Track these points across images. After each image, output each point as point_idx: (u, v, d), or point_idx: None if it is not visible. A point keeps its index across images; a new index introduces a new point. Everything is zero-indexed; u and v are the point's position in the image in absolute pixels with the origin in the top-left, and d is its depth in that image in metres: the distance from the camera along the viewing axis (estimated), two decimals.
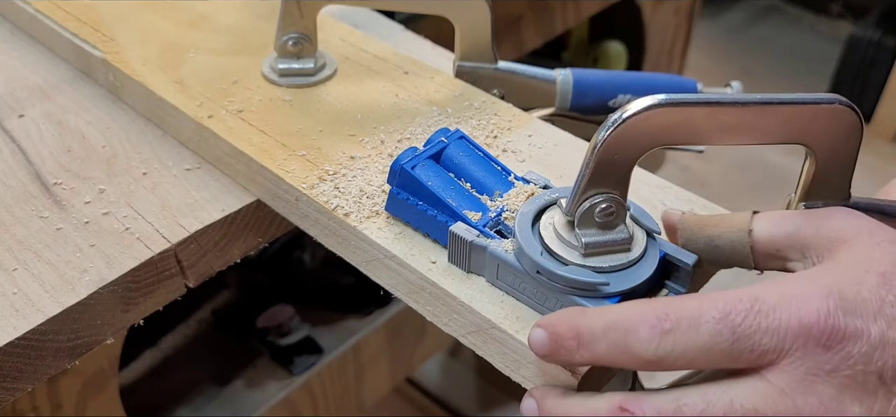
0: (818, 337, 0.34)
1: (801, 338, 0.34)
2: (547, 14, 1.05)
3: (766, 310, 0.35)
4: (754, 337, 0.34)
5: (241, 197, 0.56)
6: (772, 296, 0.35)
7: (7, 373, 0.46)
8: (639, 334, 0.35)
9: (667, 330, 0.35)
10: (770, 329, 0.34)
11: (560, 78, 0.62)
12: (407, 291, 0.47)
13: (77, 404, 0.65)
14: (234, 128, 0.56)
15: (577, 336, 0.36)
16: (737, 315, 0.35)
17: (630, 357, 0.35)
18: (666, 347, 0.35)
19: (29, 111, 0.63)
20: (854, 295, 0.35)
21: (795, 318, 0.34)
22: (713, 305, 0.35)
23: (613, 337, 0.35)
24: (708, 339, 0.34)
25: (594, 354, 0.36)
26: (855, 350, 0.34)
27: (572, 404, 0.37)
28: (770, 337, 0.34)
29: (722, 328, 0.34)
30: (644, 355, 0.35)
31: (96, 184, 0.56)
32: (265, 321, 0.92)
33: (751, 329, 0.34)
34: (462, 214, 0.44)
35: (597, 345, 0.36)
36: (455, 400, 1.45)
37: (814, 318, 0.34)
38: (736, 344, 0.34)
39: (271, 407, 0.84)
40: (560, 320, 0.37)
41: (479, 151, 0.49)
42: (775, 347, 0.34)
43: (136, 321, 0.52)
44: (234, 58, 0.64)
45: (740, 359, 0.35)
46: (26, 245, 0.52)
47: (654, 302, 0.36)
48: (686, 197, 0.50)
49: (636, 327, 0.35)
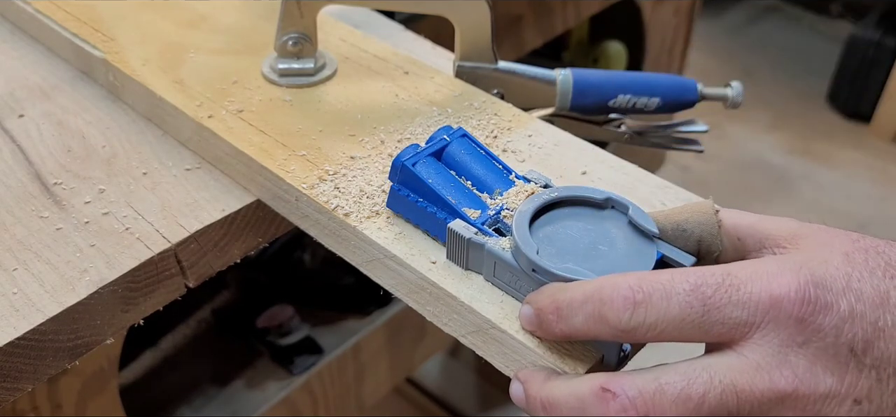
0: (790, 310, 0.35)
1: (772, 311, 0.35)
2: (547, 14, 1.05)
3: (737, 284, 0.36)
4: (725, 310, 0.35)
5: (241, 197, 0.56)
6: (744, 272, 0.36)
7: (7, 373, 0.46)
8: (613, 304, 0.36)
9: (639, 302, 0.36)
10: (741, 302, 0.35)
11: (560, 78, 0.62)
12: (407, 291, 0.47)
13: (77, 404, 0.65)
14: (234, 128, 0.56)
15: (556, 309, 0.38)
16: (708, 287, 0.36)
17: (605, 328, 0.36)
18: (638, 317, 0.36)
19: (29, 111, 0.63)
20: (822, 272, 0.36)
21: (766, 291, 0.35)
22: (684, 278, 0.36)
23: (589, 308, 0.37)
24: (679, 311, 0.35)
25: (572, 326, 0.37)
26: (826, 322, 0.35)
27: (554, 385, 0.38)
28: (741, 310, 0.35)
29: (692, 299, 0.35)
30: (618, 324, 0.36)
31: (96, 184, 0.56)
32: (265, 321, 0.92)
33: (721, 301, 0.35)
34: (461, 211, 0.45)
35: (575, 317, 0.37)
36: (455, 400, 1.45)
37: (785, 291, 0.35)
38: (706, 316, 0.35)
39: (271, 407, 0.84)
40: (542, 295, 0.39)
41: (480, 149, 0.49)
42: (746, 320, 0.35)
43: (136, 321, 0.52)
44: (234, 58, 0.64)
45: (711, 332, 0.35)
46: (26, 245, 0.52)
47: (629, 275, 0.37)
48: (686, 197, 0.50)
49: (610, 297, 0.36)
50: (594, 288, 0.37)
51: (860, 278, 0.36)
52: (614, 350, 0.40)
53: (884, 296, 0.35)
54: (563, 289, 0.38)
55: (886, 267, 0.36)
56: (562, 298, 0.38)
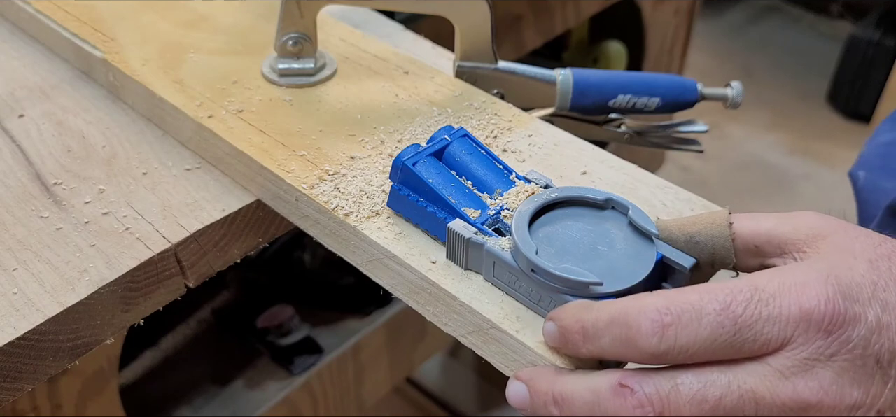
0: (819, 323, 0.34)
1: (802, 324, 0.34)
2: (547, 14, 1.05)
3: (767, 299, 0.35)
4: (756, 327, 0.35)
5: (241, 197, 0.56)
6: (772, 284, 0.35)
7: (7, 373, 0.46)
8: (640, 328, 0.35)
9: (668, 324, 0.35)
10: (772, 317, 0.35)
11: (560, 78, 0.62)
12: (407, 291, 0.47)
13: (77, 404, 0.65)
14: (234, 128, 0.56)
15: (582, 329, 0.37)
16: (738, 305, 0.35)
17: (634, 351, 0.36)
18: (668, 341, 0.35)
19: (29, 111, 0.63)
20: (848, 279, 0.35)
21: (796, 305, 0.34)
22: (714, 297, 0.35)
23: (616, 331, 0.36)
24: (710, 332, 0.35)
25: (599, 347, 0.37)
26: (854, 335, 0.34)
27: (568, 380, 0.37)
28: (772, 326, 0.34)
29: (723, 319, 0.35)
30: (647, 348, 0.35)
31: (96, 184, 0.56)
32: (265, 321, 0.92)
33: (752, 318, 0.35)
34: (461, 211, 0.45)
35: (601, 339, 0.36)
36: (455, 400, 1.45)
37: (814, 304, 0.34)
38: (738, 335, 0.35)
39: (271, 407, 0.84)
40: (567, 314, 0.38)
41: (481, 149, 0.49)
42: (777, 335, 0.34)
43: (136, 321, 0.52)
44: (234, 58, 0.64)
45: (743, 349, 0.35)
46: (26, 245, 0.52)
47: (656, 295, 0.36)
48: (686, 197, 0.50)
49: (638, 321, 0.35)
50: (620, 309, 0.36)
51: (886, 287, 0.35)
52: None
53: None
54: (587, 308, 0.38)
55: None
56: (587, 318, 0.37)
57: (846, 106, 2.29)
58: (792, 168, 2.07)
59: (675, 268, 0.42)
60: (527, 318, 0.42)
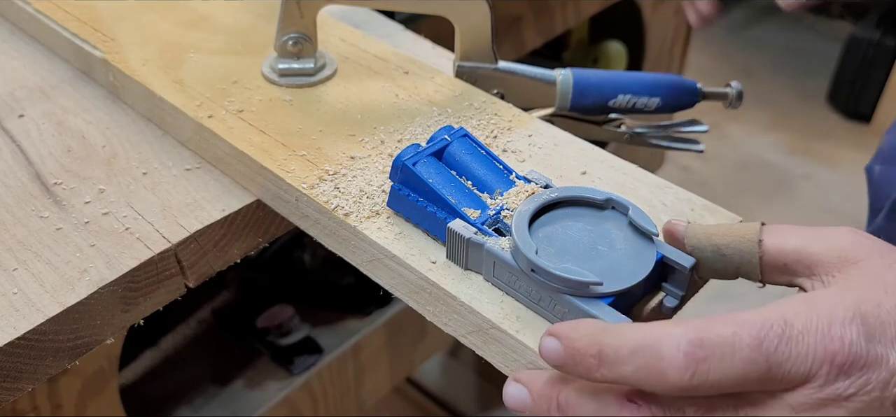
0: (841, 365, 0.34)
1: (825, 366, 0.34)
2: (547, 14, 1.05)
3: (796, 336, 0.34)
4: (785, 366, 0.34)
5: (241, 197, 0.56)
6: (800, 320, 0.35)
7: (7, 373, 0.46)
8: (673, 362, 0.34)
9: (701, 359, 0.34)
10: (799, 356, 0.34)
11: (560, 78, 0.62)
12: (407, 291, 0.47)
13: (77, 404, 0.65)
14: (234, 128, 0.56)
15: (599, 353, 0.35)
16: (770, 342, 0.34)
17: (661, 383, 0.34)
18: (701, 377, 0.34)
19: (29, 111, 0.63)
20: (874, 318, 0.35)
21: (822, 345, 0.34)
22: (747, 331, 0.34)
23: (643, 360, 0.34)
24: (742, 367, 0.34)
25: (619, 375, 0.35)
26: (874, 377, 0.34)
27: (573, 388, 0.37)
28: (799, 365, 0.34)
29: (756, 356, 0.34)
30: (678, 382, 0.34)
31: (96, 184, 0.56)
32: (265, 321, 0.92)
33: (783, 357, 0.34)
34: (461, 211, 0.45)
35: (623, 366, 0.34)
36: (455, 400, 1.45)
37: (838, 346, 0.34)
38: (769, 373, 0.34)
39: (271, 407, 0.84)
40: (579, 334, 0.36)
41: (481, 149, 0.49)
42: (802, 373, 0.34)
43: (136, 321, 0.52)
44: (234, 58, 0.64)
45: (770, 385, 0.34)
46: (26, 245, 0.52)
47: (686, 327, 0.34)
48: (686, 197, 0.50)
49: (670, 353, 0.34)
50: (649, 337, 0.34)
51: None
52: None
53: None
54: (606, 331, 0.35)
55: None
56: (607, 343, 0.35)
57: (846, 106, 2.29)
58: (792, 168, 2.07)
59: (675, 268, 0.42)
60: (527, 318, 0.42)
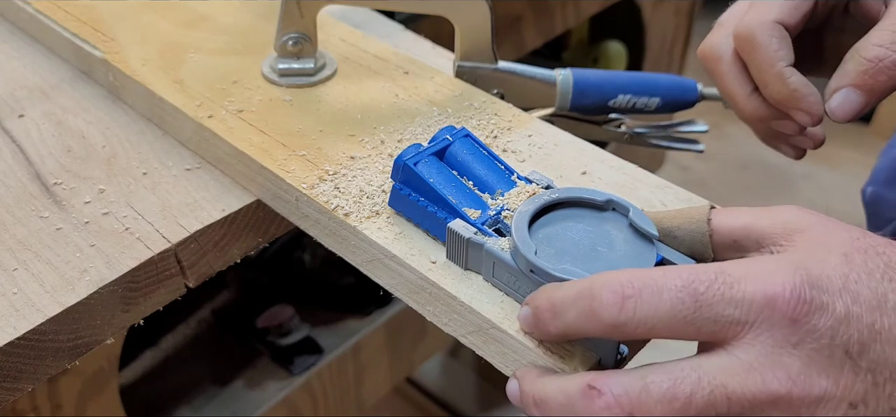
0: (784, 310, 0.34)
1: (766, 311, 0.34)
2: (547, 14, 1.05)
3: (731, 282, 0.35)
4: (717, 308, 0.35)
5: (241, 197, 0.56)
6: (738, 270, 0.35)
7: (7, 373, 0.46)
8: (602, 300, 0.36)
9: (628, 296, 0.35)
10: (734, 300, 0.35)
11: (560, 78, 0.62)
12: (407, 291, 0.47)
13: (77, 404, 0.65)
14: (234, 128, 0.56)
15: (551, 307, 0.38)
16: (700, 284, 0.35)
17: (595, 323, 0.36)
18: (628, 312, 0.35)
19: (29, 111, 0.63)
20: (819, 271, 0.35)
21: (761, 291, 0.34)
22: (676, 274, 0.35)
23: (581, 304, 0.36)
24: (669, 307, 0.35)
25: (565, 322, 0.37)
26: (821, 323, 0.34)
27: (546, 383, 0.38)
28: (734, 309, 0.34)
29: (684, 296, 0.35)
30: (607, 319, 0.35)
31: (96, 184, 0.56)
32: (265, 321, 0.92)
33: (714, 299, 0.35)
34: (461, 211, 0.45)
35: (567, 314, 0.37)
36: (455, 400, 1.45)
37: (780, 290, 0.34)
38: (698, 313, 0.35)
39: (271, 407, 0.84)
40: (539, 294, 0.39)
41: (483, 149, 0.49)
42: (739, 319, 0.34)
43: (136, 321, 0.52)
44: (234, 58, 0.64)
45: (703, 329, 0.35)
46: (26, 245, 0.52)
47: (621, 271, 0.37)
48: (686, 196, 0.50)
49: (600, 293, 0.36)
50: (586, 284, 0.37)
51: (858, 280, 0.35)
52: (611, 353, 0.40)
53: (881, 299, 0.35)
54: (558, 288, 0.38)
55: (885, 269, 0.36)
56: (556, 296, 0.38)
57: None
58: (792, 168, 2.07)
59: None
60: None
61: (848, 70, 0.51)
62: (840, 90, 0.51)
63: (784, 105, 0.53)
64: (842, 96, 0.51)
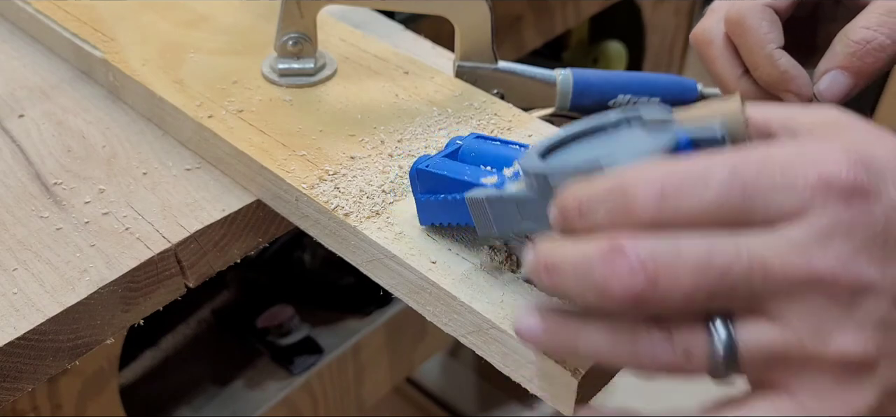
0: (839, 191, 0.31)
1: (820, 193, 0.31)
2: (547, 14, 1.05)
3: (781, 165, 0.31)
4: (769, 195, 0.31)
5: (241, 197, 0.56)
6: (785, 151, 0.32)
7: (7, 373, 0.46)
8: (637, 193, 0.31)
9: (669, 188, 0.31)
10: (787, 185, 0.31)
11: (560, 78, 0.62)
12: (407, 291, 0.47)
13: (77, 404, 0.65)
14: (234, 128, 0.56)
15: (579, 205, 0.33)
16: (747, 169, 0.31)
17: (630, 220, 0.32)
18: (669, 206, 0.31)
19: (29, 111, 0.63)
20: (872, 155, 0.32)
21: (815, 172, 0.31)
22: (722, 162, 0.32)
23: (612, 200, 0.32)
24: (716, 196, 0.31)
25: (593, 222, 0.33)
26: (876, 209, 0.31)
27: (562, 245, 0.34)
28: (787, 194, 0.31)
29: (732, 185, 0.31)
30: (645, 215, 0.31)
31: (96, 184, 0.56)
32: (265, 321, 0.92)
33: (765, 185, 0.31)
34: (479, 182, 0.43)
35: (597, 212, 0.33)
36: (455, 400, 1.45)
37: (836, 170, 0.31)
38: (747, 202, 0.31)
39: (271, 407, 0.84)
40: (566, 194, 0.34)
41: (495, 141, 0.48)
42: (793, 205, 0.31)
43: (136, 321, 0.52)
44: (234, 58, 0.64)
45: (753, 219, 0.31)
46: (26, 245, 0.52)
47: (658, 163, 0.32)
48: None
49: (635, 186, 0.32)
50: (618, 177, 0.32)
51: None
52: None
53: None
54: (585, 186, 0.33)
55: None
56: (584, 193, 0.33)
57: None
58: None
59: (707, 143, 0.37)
60: None
61: (836, 52, 0.51)
62: (828, 72, 0.51)
63: (774, 87, 0.52)
64: (830, 78, 0.50)
